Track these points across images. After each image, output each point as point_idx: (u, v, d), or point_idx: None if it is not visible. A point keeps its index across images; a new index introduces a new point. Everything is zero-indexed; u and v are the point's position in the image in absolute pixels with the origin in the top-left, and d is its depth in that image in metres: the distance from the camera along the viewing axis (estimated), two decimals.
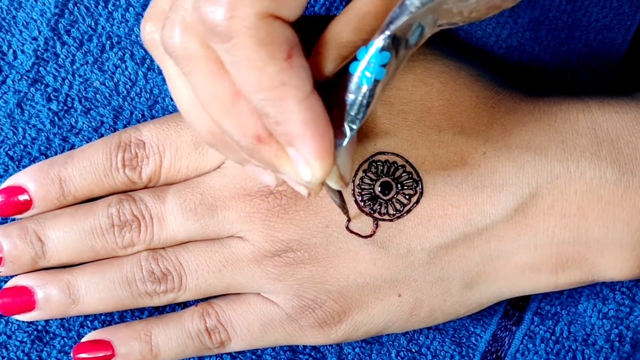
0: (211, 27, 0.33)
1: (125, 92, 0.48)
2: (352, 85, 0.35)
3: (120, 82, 0.48)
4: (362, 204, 0.44)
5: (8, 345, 0.49)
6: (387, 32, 0.34)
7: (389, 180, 0.44)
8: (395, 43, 0.34)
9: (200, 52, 0.34)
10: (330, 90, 0.36)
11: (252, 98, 0.33)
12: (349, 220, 0.44)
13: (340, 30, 0.35)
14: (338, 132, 0.36)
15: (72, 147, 0.48)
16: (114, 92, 0.48)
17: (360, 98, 0.35)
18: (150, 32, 0.38)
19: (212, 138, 0.38)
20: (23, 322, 0.49)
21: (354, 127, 0.36)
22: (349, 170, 0.38)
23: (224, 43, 0.33)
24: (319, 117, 0.34)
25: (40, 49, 0.48)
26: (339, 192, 0.42)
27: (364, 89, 0.35)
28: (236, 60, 0.33)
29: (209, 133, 0.38)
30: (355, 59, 0.35)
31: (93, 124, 0.48)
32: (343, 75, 0.36)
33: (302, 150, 0.34)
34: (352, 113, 0.35)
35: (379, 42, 0.34)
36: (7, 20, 0.47)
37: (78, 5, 0.47)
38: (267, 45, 0.32)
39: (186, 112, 0.38)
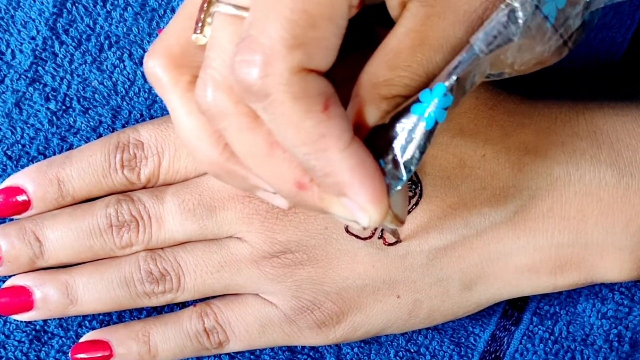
0: (247, 87, 0.32)
1: (123, 91, 0.48)
2: (413, 127, 0.34)
3: (118, 82, 0.48)
4: None
5: (6, 345, 0.49)
6: (454, 76, 0.34)
7: None
8: (458, 87, 0.34)
9: (232, 108, 0.34)
10: (386, 134, 0.35)
11: (296, 153, 0.33)
12: (399, 241, 0.44)
13: (376, 70, 0.35)
14: (393, 175, 0.35)
15: (71, 146, 0.48)
16: (112, 91, 0.48)
17: (418, 141, 0.34)
18: (152, 66, 0.38)
19: (216, 169, 0.38)
20: (21, 321, 0.49)
21: (412, 168, 0.35)
22: (404, 209, 0.37)
23: (261, 102, 0.33)
24: (364, 162, 0.33)
25: (38, 48, 0.47)
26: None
27: (425, 131, 0.34)
28: (274, 118, 0.33)
29: (212, 164, 0.37)
30: (417, 100, 0.34)
31: (91, 123, 0.48)
32: (402, 117, 0.35)
33: (355, 198, 0.33)
34: (409, 155, 0.35)
35: (446, 84, 0.34)
36: (5, 20, 0.47)
37: (76, 4, 0.47)
38: (303, 99, 0.32)
39: (189, 145, 0.38)
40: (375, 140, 0.35)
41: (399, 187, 0.35)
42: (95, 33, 0.48)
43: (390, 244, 0.44)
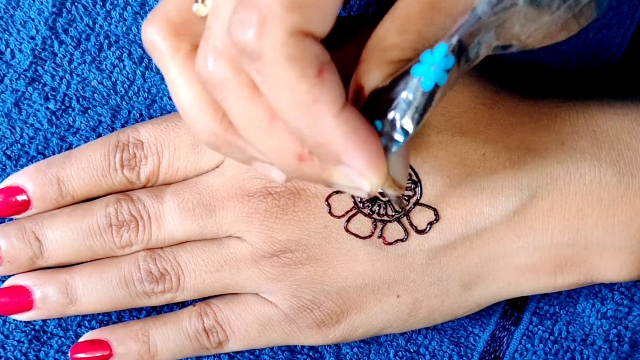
0: (242, 47, 0.32)
1: (123, 91, 0.48)
2: (412, 88, 0.34)
3: (118, 81, 0.48)
4: (361, 204, 0.44)
5: (5, 345, 0.49)
6: (456, 36, 0.33)
7: None
8: (460, 50, 0.34)
9: (233, 77, 0.34)
10: (386, 96, 0.35)
11: (287, 119, 0.33)
12: (406, 213, 0.44)
13: (385, 33, 0.35)
14: (390, 137, 0.34)
15: (70, 146, 0.48)
16: (111, 91, 0.48)
17: (417, 102, 0.34)
18: (150, 34, 0.37)
19: (214, 139, 0.37)
20: (21, 321, 0.49)
21: (410, 130, 0.34)
22: (404, 174, 0.37)
23: (255, 63, 0.32)
24: (358, 127, 0.33)
25: (38, 48, 0.47)
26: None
27: (423, 92, 0.34)
28: (267, 79, 0.32)
29: (210, 134, 0.37)
30: (418, 62, 0.34)
31: (91, 123, 0.48)
32: (401, 79, 0.34)
33: (352, 164, 0.33)
34: (408, 117, 0.34)
35: (446, 44, 0.33)
36: (4, 19, 0.47)
37: (76, 4, 0.47)
38: (297, 62, 0.32)
39: (187, 115, 0.37)
40: (374, 103, 0.35)
41: (394, 149, 0.34)
42: (95, 32, 0.48)
43: (389, 243, 0.44)
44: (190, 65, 0.37)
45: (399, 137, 0.34)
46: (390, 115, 0.34)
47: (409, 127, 0.34)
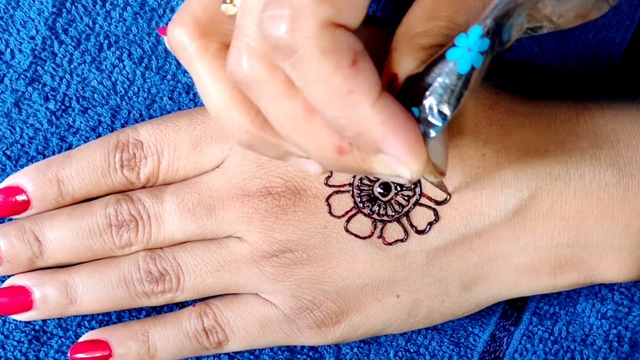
0: (275, 43, 0.32)
1: (122, 91, 0.48)
2: (448, 72, 0.34)
3: (118, 82, 0.48)
4: (361, 205, 0.44)
5: (5, 345, 0.49)
6: (491, 18, 0.33)
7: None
8: (494, 32, 0.33)
9: (267, 75, 0.34)
10: (420, 83, 0.35)
11: (325, 111, 0.33)
12: (449, 197, 0.44)
13: (414, 21, 0.35)
14: (428, 123, 0.34)
15: (70, 146, 0.48)
16: (111, 91, 0.48)
17: (454, 86, 0.34)
18: (178, 35, 0.37)
19: (247, 137, 0.37)
20: (20, 322, 0.49)
21: (447, 114, 0.34)
22: (444, 159, 0.37)
23: (289, 58, 0.32)
24: (396, 114, 0.33)
25: (37, 48, 0.47)
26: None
27: (460, 76, 0.34)
28: (303, 74, 0.32)
29: (244, 133, 0.37)
30: (453, 45, 0.34)
31: (91, 123, 0.48)
32: (436, 64, 0.34)
33: (392, 152, 0.33)
34: (444, 101, 0.34)
35: (481, 26, 0.33)
36: (4, 19, 0.47)
37: (76, 4, 0.47)
38: (331, 54, 0.32)
39: (219, 115, 0.37)
40: (410, 90, 0.34)
41: (433, 134, 0.34)
42: (95, 33, 0.48)
43: (389, 244, 0.44)
44: (219, 64, 0.37)
45: (437, 122, 0.34)
46: (427, 101, 0.34)
47: (447, 111, 0.34)
